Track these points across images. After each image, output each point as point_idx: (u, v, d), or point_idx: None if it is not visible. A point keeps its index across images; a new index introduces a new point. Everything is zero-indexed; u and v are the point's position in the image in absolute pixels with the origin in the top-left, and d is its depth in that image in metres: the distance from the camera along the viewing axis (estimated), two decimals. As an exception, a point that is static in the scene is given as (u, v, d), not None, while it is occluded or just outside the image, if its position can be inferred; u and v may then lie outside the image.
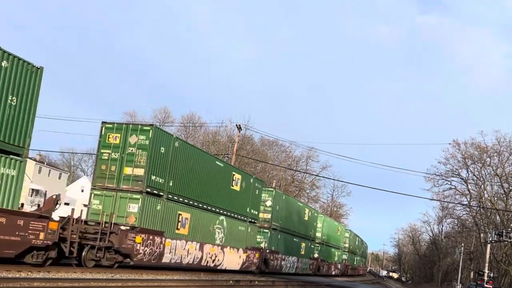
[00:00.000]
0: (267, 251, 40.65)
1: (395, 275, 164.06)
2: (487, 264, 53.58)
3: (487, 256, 55.19)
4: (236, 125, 55.43)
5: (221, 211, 32.58)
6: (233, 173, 34.45)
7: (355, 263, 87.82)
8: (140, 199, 24.92)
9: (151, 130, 25.53)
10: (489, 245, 55.54)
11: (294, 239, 48.73)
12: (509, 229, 53.76)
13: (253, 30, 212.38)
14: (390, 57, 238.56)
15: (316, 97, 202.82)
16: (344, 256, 75.61)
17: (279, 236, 43.73)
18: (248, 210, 36.51)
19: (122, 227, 23.87)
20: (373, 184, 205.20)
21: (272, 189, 43.11)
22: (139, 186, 25.07)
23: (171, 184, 27.06)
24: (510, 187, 71.17)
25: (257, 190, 38.19)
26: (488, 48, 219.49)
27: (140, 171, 25.12)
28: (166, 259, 26.72)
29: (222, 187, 32.66)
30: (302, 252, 51.18)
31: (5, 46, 18.30)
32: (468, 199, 77.07)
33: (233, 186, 34.04)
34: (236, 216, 34.67)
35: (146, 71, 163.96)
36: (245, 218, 36.34)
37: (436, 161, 78.93)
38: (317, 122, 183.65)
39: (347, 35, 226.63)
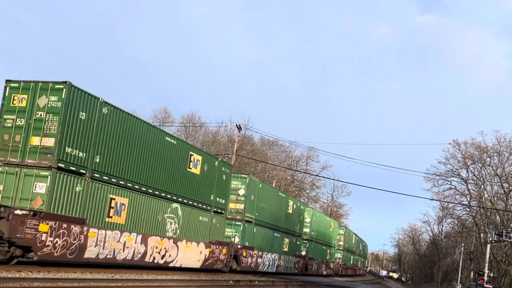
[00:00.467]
0: (238, 246, 33.54)
1: (395, 275, 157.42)
2: (487, 264, 49.97)
3: (487, 256, 51.42)
4: (236, 125, 51.35)
5: (174, 198, 25.75)
6: (191, 153, 27.28)
7: (351, 262, 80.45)
8: (49, 177, 18.28)
9: (64, 89, 18.79)
10: (489, 245, 51.89)
11: (275, 234, 41.17)
12: (509, 229, 50.71)
13: (254, 30, 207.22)
14: (390, 57, 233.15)
15: (316, 97, 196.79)
16: (338, 255, 67.87)
17: (254, 230, 36.44)
18: (212, 198, 29.64)
19: (18, 212, 17.07)
20: (373, 184, 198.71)
21: (245, 175, 35.69)
22: (48, 160, 18.43)
23: (97, 160, 20.43)
24: (510, 187, 66.24)
25: (224, 176, 31.18)
26: (488, 48, 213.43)
27: (49, 141, 18.61)
28: (90, 253, 20.03)
29: (176, 169, 25.77)
30: (285, 249, 43.49)
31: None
32: (468, 199, 72.22)
33: (190, 168, 27.00)
34: (195, 204, 27.79)
35: (146, 71, 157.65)
36: (209, 208, 29.48)
37: (436, 161, 75.40)
38: (317, 122, 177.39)
39: (347, 35, 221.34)
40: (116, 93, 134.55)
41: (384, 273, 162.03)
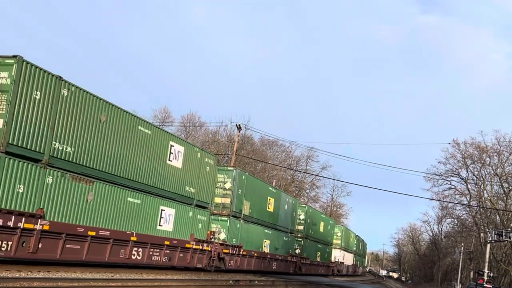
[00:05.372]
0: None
1: (395, 275, 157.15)
2: (486, 264, 49.16)
3: (487, 256, 50.75)
4: (236, 125, 51.54)
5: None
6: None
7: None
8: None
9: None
10: (489, 245, 51.26)
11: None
12: (509, 229, 49.90)
13: (254, 30, 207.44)
14: (390, 57, 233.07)
15: (316, 97, 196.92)
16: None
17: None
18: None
19: None
20: (373, 184, 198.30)
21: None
22: (-2, 144, 16.81)
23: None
24: (510, 187, 66.15)
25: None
26: (489, 48, 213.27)
27: (-2, 122, 16.90)
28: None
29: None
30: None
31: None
32: (468, 199, 72.09)
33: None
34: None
35: (146, 70, 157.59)
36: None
37: (436, 161, 75.66)
38: (317, 122, 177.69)
39: (348, 35, 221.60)
40: (116, 93, 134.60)
41: (384, 273, 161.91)
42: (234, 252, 33.21)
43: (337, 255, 67.62)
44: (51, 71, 18.65)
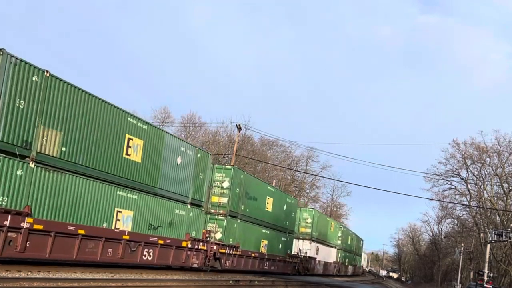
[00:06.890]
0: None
1: (395, 275, 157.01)
2: (486, 264, 49.02)
3: (487, 256, 50.60)
4: (236, 125, 51.23)
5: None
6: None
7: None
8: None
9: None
10: (489, 245, 51.09)
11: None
12: (509, 229, 49.89)
13: (254, 30, 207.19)
14: (391, 57, 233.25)
15: (317, 97, 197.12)
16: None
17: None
18: None
19: None
20: (373, 184, 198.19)
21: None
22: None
23: None
24: (510, 187, 65.88)
25: None
26: (489, 48, 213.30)
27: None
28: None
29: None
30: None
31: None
32: (468, 199, 71.83)
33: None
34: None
35: (146, 71, 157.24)
36: None
37: (436, 161, 75.57)
38: (317, 122, 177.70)
39: (348, 35, 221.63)
40: (116, 93, 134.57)
41: (384, 273, 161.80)
42: (13, 224, 17.04)
43: (304, 247, 52.15)
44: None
